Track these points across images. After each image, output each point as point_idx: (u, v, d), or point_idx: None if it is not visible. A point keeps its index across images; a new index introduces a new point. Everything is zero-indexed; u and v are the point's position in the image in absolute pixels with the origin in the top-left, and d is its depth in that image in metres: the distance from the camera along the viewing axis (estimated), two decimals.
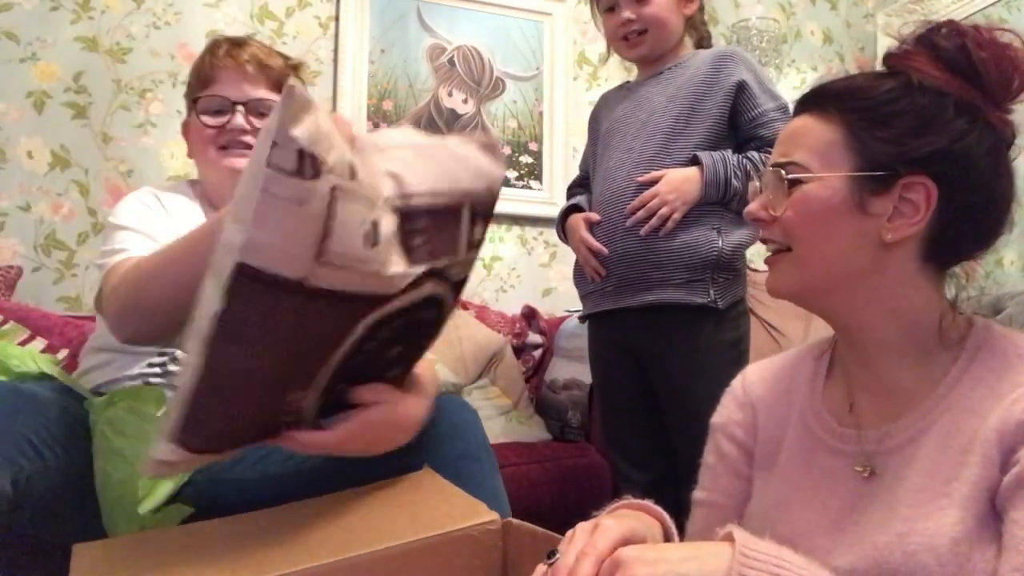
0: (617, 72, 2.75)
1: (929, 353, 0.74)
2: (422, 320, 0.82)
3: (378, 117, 2.47)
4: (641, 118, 1.49)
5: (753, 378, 0.90)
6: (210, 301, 0.67)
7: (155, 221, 1.12)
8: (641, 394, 1.50)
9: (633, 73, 1.68)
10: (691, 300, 1.40)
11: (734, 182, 1.39)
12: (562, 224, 1.60)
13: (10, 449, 0.84)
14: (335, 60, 2.45)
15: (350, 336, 0.74)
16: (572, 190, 1.70)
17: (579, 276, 1.59)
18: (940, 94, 0.72)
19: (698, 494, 0.89)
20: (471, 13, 2.60)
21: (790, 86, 3.00)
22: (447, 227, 0.78)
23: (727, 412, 0.89)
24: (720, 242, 1.41)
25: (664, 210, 1.38)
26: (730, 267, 1.44)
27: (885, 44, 3.00)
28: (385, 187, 0.74)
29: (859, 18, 3.17)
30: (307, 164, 0.65)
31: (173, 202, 1.18)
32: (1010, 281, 2.85)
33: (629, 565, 0.54)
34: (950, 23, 0.74)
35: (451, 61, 2.57)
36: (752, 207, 0.79)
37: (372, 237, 0.69)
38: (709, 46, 1.61)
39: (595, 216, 1.49)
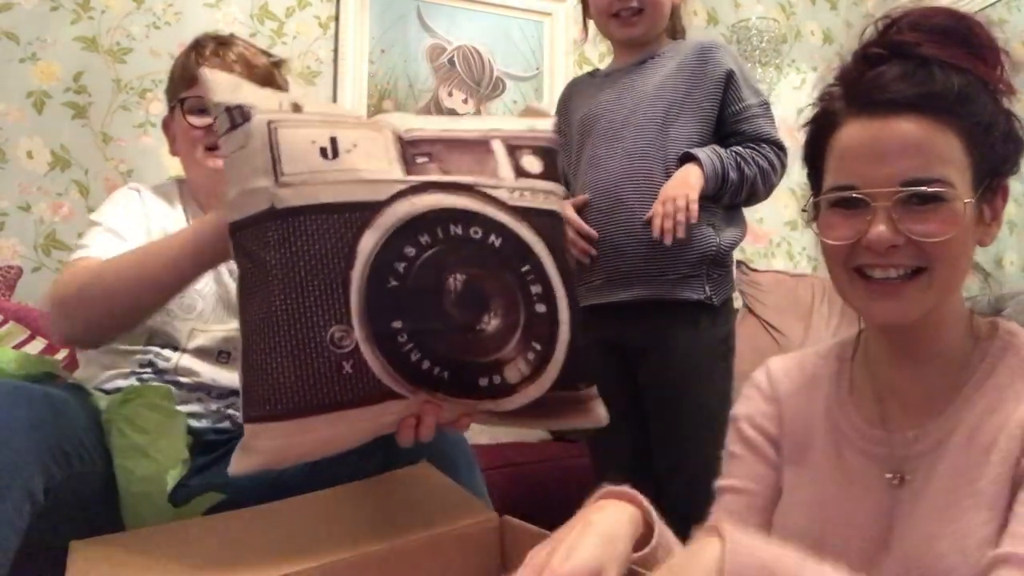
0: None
1: (963, 356, 0.73)
2: (473, 241, 0.78)
3: None
4: (627, 106, 1.46)
5: (778, 372, 0.89)
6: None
7: (129, 223, 1.12)
8: (626, 394, 1.46)
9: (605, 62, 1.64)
10: (687, 296, 1.38)
11: (731, 174, 1.37)
12: None
13: (45, 457, 0.83)
14: (335, 60, 2.45)
15: (359, 250, 0.73)
16: None
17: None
18: (990, 88, 0.71)
19: (726, 481, 0.87)
20: (471, 13, 2.60)
21: (790, 86, 3.00)
22: (468, 152, 0.82)
23: (753, 403, 0.88)
24: (717, 238, 1.40)
25: (680, 202, 1.31)
26: (724, 263, 1.43)
27: None
28: (389, 120, 0.82)
29: (859, 18, 3.17)
30: (236, 115, 0.76)
31: (155, 204, 1.19)
32: (1010, 281, 2.85)
33: None
34: (942, 9, 0.72)
35: (451, 61, 2.57)
36: (886, 235, 0.69)
37: (331, 151, 0.76)
38: (682, 38, 1.58)
39: (582, 197, 1.44)
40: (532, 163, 0.85)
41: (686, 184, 1.34)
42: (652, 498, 0.67)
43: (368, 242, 0.74)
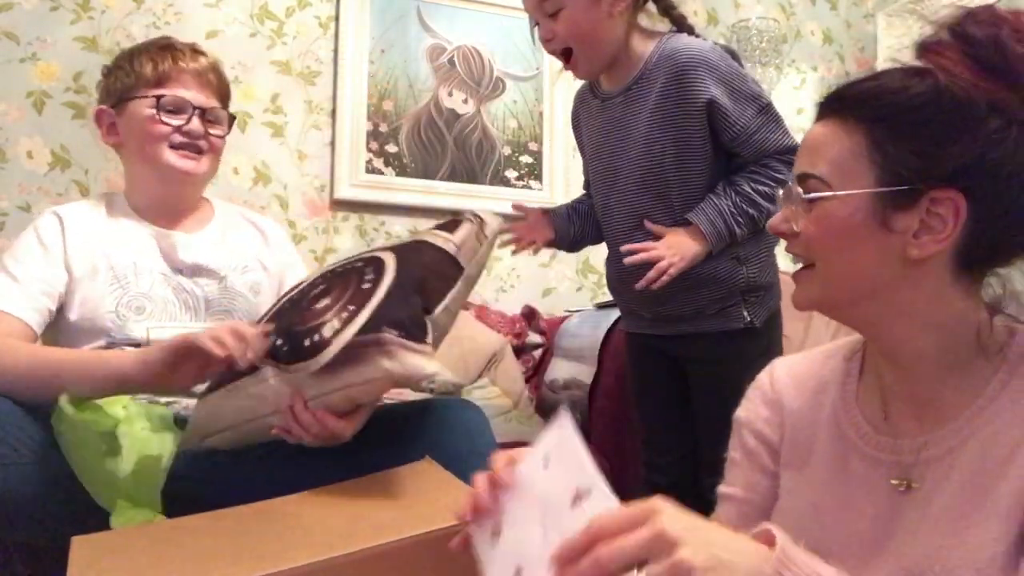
0: None
1: (968, 364, 0.71)
2: (346, 268, 1.05)
3: (378, 117, 2.47)
4: (625, 155, 1.40)
5: (781, 374, 0.87)
6: None
7: (28, 269, 1.15)
8: (675, 393, 1.49)
9: None
10: (729, 327, 1.38)
11: (737, 230, 1.33)
12: None
13: None
14: (335, 60, 2.45)
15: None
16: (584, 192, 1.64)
17: (616, 290, 1.55)
18: (970, 96, 0.66)
19: (723, 489, 0.87)
20: (471, 13, 2.60)
21: (790, 86, 3.00)
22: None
23: (754, 407, 0.87)
24: (744, 269, 1.38)
25: (663, 264, 1.28)
26: (760, 286, 1.40)
27: (885, 44, 2.99)
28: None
29: (859, 18, 3.17)
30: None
31: (80, 227, 1.22)
32: (1010, 281, 2.85)
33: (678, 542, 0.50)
34: (987, 8, 0.68)
35: (451, 61, 2.57)
36: (775, 221, 0.76)
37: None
38: (691, 30, 1.43)
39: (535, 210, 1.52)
40: (426, 227, 1.13)
41: (681, 252, 1.30)
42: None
43: (292, 292, 1.10)
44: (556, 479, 0.56)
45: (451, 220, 1.13)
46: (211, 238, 1.29)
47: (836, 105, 0.73)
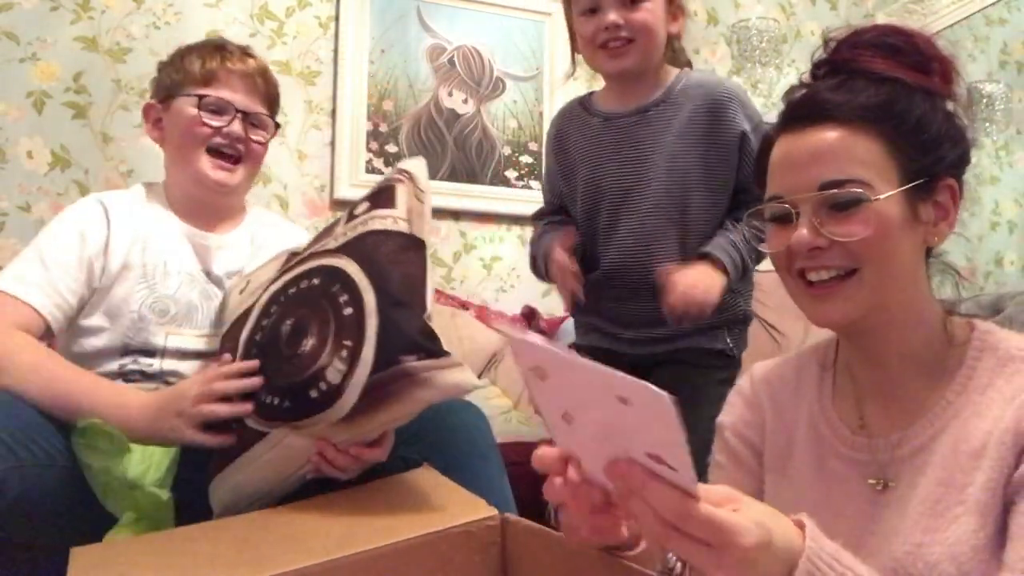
0: None
1: (936, 359, 0.74)
2: (300, 290, 0.97)
3: (378, 117, 2.47)
4: (638, 171, 1.36)
5: (760, 378, 0.89)
6: None
7: (60, 254, 1.12)
8: None
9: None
10: (710, 346, 1.37)
11: (750, 263, 1.34)
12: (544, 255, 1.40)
13: None
14: (335, 60, 2.45)
15: (240, 340, 1.02)
16: (541, 219, 1.52)
17: (596, 308, 1.44)
18: (930, 94, 0.74)
19: None
20: (471, 13, 2.60)
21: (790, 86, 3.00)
22: (323, 236, 1.08)
23: (736, 411, 0.89)
24: (740, 301, 1.39)
25: (698, 299, 1.24)
26: (747, 319, 1.41)
27: None
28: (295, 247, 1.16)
29: (859, 18, 3.17)
30: None
31: (122, 215, 1.19)
32: (1010, 281, 2.85)
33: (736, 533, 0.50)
34: (881, 25, 0.79)
35: (451, 61, 2.57)
36: (805, 238, 0.72)
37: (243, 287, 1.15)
38: (688, 67, 1.45)
39: (572, 236, 1.37)
40: (362, 207, 1.03)
41: (710, 289, 1.27)
42: None
43: (244, 333, 1.01)
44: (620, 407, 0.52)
45: (382, 188, 1.04)
46: (240, 243, 1.27)
47: (831, 111, 0.74)
